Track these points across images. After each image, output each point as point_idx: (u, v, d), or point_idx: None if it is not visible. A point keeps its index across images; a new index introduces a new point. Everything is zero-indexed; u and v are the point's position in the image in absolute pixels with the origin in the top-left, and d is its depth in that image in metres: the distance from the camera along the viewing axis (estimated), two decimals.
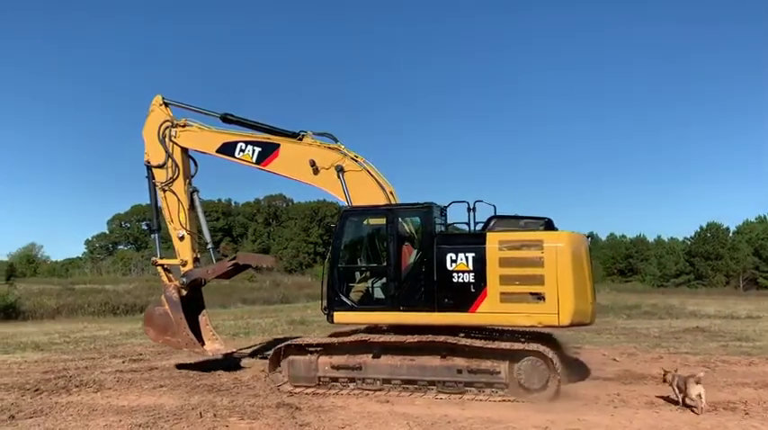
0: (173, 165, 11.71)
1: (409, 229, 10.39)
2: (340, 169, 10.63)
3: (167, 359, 13.49)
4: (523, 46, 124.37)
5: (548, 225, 9.74)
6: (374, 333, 10.42)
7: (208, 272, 11.66)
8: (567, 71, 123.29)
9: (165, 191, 11.78)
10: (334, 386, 9.88)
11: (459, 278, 9.45)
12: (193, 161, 12.14)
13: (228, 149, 11.45)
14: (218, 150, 11.56)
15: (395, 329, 10.19)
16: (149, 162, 11.90)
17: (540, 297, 9.12)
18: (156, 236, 12.52)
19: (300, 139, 11.20)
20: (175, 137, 11.75)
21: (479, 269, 9.35)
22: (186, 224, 11.67)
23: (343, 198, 10.59)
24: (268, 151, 11.24)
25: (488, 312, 9.32)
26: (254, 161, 11.30)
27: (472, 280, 9.37)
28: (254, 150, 11.28)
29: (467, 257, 9.43)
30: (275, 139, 11.32)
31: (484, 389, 9.22)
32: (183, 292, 11.56)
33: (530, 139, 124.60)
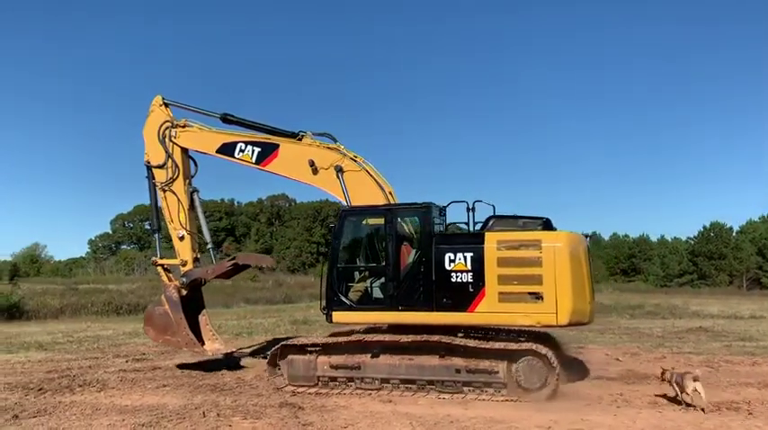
0: (173, 166, 11.76)
1: (408, 229, 10.39)
2: (339, 169, 10.66)
3: (170, 359, 13.50)
4: (524, 45, 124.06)
5: (546, 225, 9.75)
6: (373, 333, 10.44)
7: (207, 272, 11.71)
8: (568, 70, 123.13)
9: (165, 191, 11.84)
10: (333, 385, 9.90)
11: (457, 278, 9.46)
12: (193, 161, 12.19)
13: (228, 150, 11.49)
14: (217, 151, 11.61)
15: (394, 329, 10.20)
16: (149, 162, 11.96)
17: (539, 296, 9.13)
18: (157, 236, 12.57)
19: (300, 140, 11.23)
20: (175, 137, 11.80)
21: (478, 269, 9.36)
22: (186, 224, 11.72)
23: (343, 198, 10.62)
24: (267, 151, 11.28)
25: (487, 312, 9.34)
26: (253, 161, 11.34)
27: (471, 279, 9.38)
28: (253, 150, 11.32)
29: (465, 257, 9.44)
30: (275, 140, 11.36)
31: (482, 389, 9.23)
32: (183, 292, 11.61)
33: (531, 139, 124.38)
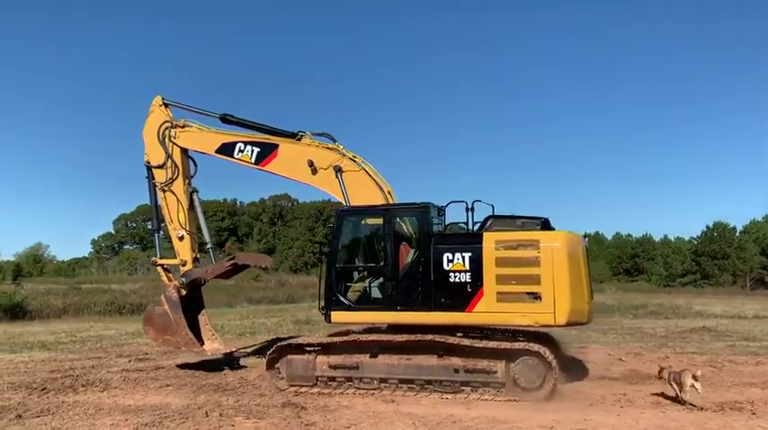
0: (172, 166, 11.78)
1: (407, 229, 10.40)
2: (338, 169, 10.68)
3: (173, 358, 13.47)
4: (525, 44, 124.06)
5: (544, 225, 9.74)
6: (371, 333, 10.45)
7: (207, 272, 11.74)
8: (570, 68, 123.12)
9: (164, 191, 11.86)
10: (332, 385, 9.91)
11: (455, 278, 9.46)
12: (193, 161, 12.22)
13: (227, 150, 11.51)
14: (217, 151, 11.63)
15: (393, 329, 10.21)
16: (149, 162, 11.98)
17: (537, 296, 9.13)
18: (157, 236, 12.61)
19: (299, 140, 11.24)
20: (175, 137, 11.82)
21: (476, 269, 9.36)
22: (186, 224, 11.75)
23: (342, 198, 10.65)
24: (267, 151, 11.30)
25: (485, 312, 9.33)
26: (252, 161, 11.36)
27: (469, 279, 9.38)
28: (252, 151, 11.34)
29: (463, 257, 9.43)
30: (274, 140, 11.38)
31: (481, 389, 9.22)
32: (183, 292, 11.63)
33: (533, 138, 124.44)
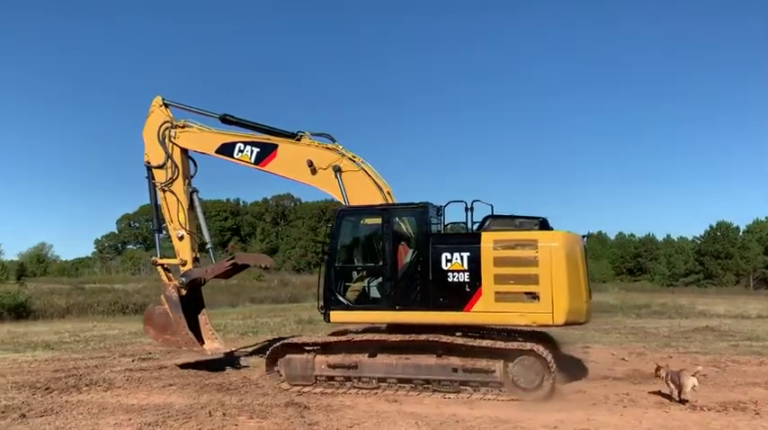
0: (172, 166, 11.81)
1: (406, 229, 10.41)
2: (337, 169, 10.69)
3: (176, 358, 13.44)
4: (524, 44, 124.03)
5: (542, 224, 9.75)
6: (370, 332, 10.47)
7: (207, 271, 11.77)
8: (572, 68, 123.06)
9: (164, 191, 11.88)
10: (331, 385, 9.94)
11: (454, 277, 9.47)
12: (193, 162, 12.24)
13: (227, 150, 11.54)
14: (217, 151, 11.66)
15: (392, 329, 10.22)
16: (149, 162, 12.01)
17: (535, 296, 9.14)
18: (157, 235, 12.65)
19: (298, 140, 11.27)
20: (175, 137, 11.85)
21: (474, 268, 9.37)
22: (186, 224, 11.77)
23: (341, 198, 10.67)
24: (266, 152, 11.32)
25: (483, 311, 9.34)
26: (252, 161, 11.38)
27: (467, 279, 9.39)
28: (252, 151, 11.37)
29: (462, 257, 9.45)
30: (273, 140, 11.40)
31: (479, 389, 9.24)
32: (183, 292, 11.66)
33: (534, 138, 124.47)
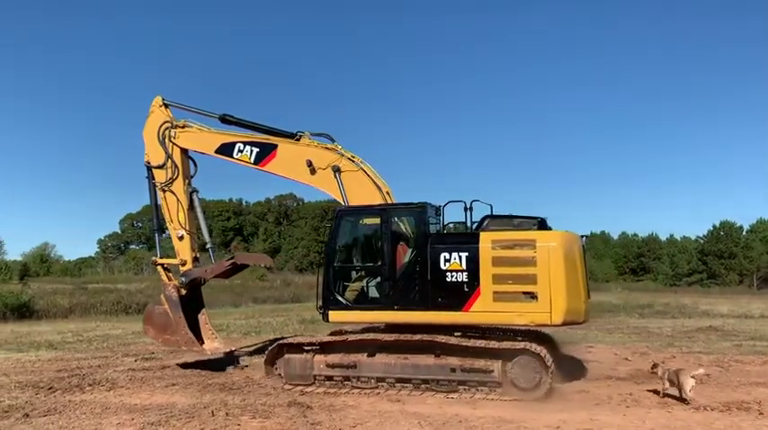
0: (172, 166, 11.85)
1: (404, 229, 10.42)
2: (336, 169, 10.71)
3: (179, 358, 13.46)
4: (525, 43, 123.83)
5: (541, 224, 9.76)
6: (368, 332, 10.49)
7: (206, 271, 11.80)
8: (573, 67, 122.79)
9: (164, 191, 11.93)
10: (329, 384, 9.96)
11: (452, 277, 9.48)
12: (193, 162, 12.28)
13: (227, 150, 11.57)
14: (216, 151, 11.69)
15: (390, 328, 10.24)
16: (149, 162, 12.06)
17: (533, 296, 9.15)
18: (157, 235, 12.69)
19: (298, 140, 11.29)
20: (175, 138, 11.89)
21: (473, 268, 9.38)
22: (185, 224, 11.81)
23: (340, 198, 10.68)
24: (266, 152, 11.35)
25: (481, 311, 9.35)
26: (251, 161, 11.41)
27: (465, 279, 9.40)
28: (252, 151, 11.40)
29: (460, 257, 9.46)
30: (273, 140, 11.43)
31: (477, 388, 9.24)
32: (183, 292, 11.69)
33: (536, 138, 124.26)
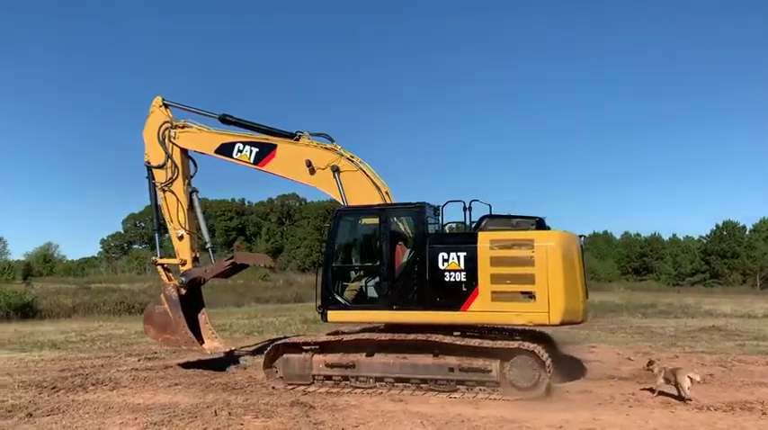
0: (172, 166, 11.88)
1: (403, 229, 10.44)
2: (336, 169, 10.73)
3: (182, 358, 13.49)
4: (526, 43, 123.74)
5: (539, 224, 9.77)
6: (366, 332, 10.51)
7: (206, 271, 11.83)
8: (574, 66, 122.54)
9: (164, 191, 11.97)
10: (328, 384, 9.98)
11: (451, 277, 9.49)
12: (193, 162, 12.31)
13: (226, 150, 11.60)
14: (216, 151, 11.72)
15: (389, 328, 10.25)
16: (149, 163, 12.10)
17: (531, 296, 9.15)
18: (157, 235, 12.73)
19: (297, 140, 11.31)
20: (175, 138, 11.92)
21: (471, 268, 9.39)
22: (185, 224, 11.84)
23: (339, 198, 10.69)
24: (265, 152, 11.37)
25: (480, 311, 9.36)
26: (251, 161, 11.44)
27: (464, 279, 9.41)
28: (251, 151, 11.43)
29: (458, 257, 9.47)
30: (272, 140, 11.45)
31: (475, 388, 9.25)
32: (183, 291, 11.73)
33: (537, 137, 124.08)
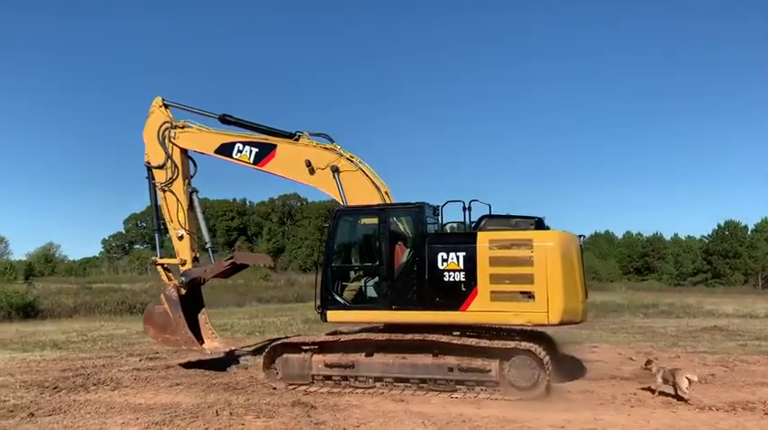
0: (172, 166, 11.89)
1: (402, 229, 10.44)
2: (335, 169, 10.73)
3: (183, 358, 13.49)
4: (526, 42, 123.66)
5: (538, 224, 9.77)
6: (364, 332, 10.52)
7: (206, 271, 11.84)
8: (575, 66, 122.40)
9: (164, 191, 11.97)
10: (328, 384, 9.99)
11: (450, 277, 9.49)
12: (193, 162, 12.32)
13: (226, 150, 11.61)
14: (216, 151, 11.72)
15: (389, 328, 10.26)
16: (149, 163, 12.10)
17: (530, 295, 9.15)
18: (157, 235, 12.74)
19: (297, 140, 11.31)
20: (175, 138, 11.93)
21: (470, 268, 9.39)
22: (185, 224, 11.85)
23: (339, 198, 10.70)
24: (265, 152, 11.38)
25: (479, 311, 9.36)
26: (251, 162, 11.44)
27: (463, 279, 9.41)
28: (251, 151, 11.43)
29: (458, 256, 9.47)
30: (272, 140, 11.45)
31: (475, 388, 9.26)
32: (183, 291, 11.74)
33: (538, 137, 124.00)
